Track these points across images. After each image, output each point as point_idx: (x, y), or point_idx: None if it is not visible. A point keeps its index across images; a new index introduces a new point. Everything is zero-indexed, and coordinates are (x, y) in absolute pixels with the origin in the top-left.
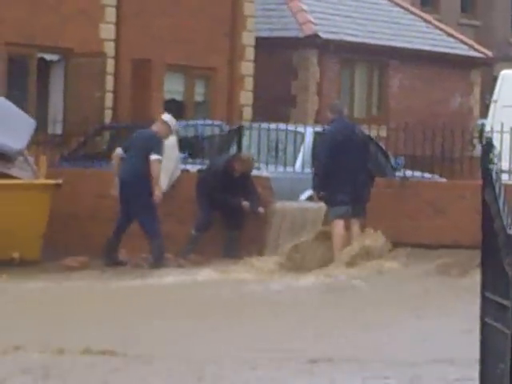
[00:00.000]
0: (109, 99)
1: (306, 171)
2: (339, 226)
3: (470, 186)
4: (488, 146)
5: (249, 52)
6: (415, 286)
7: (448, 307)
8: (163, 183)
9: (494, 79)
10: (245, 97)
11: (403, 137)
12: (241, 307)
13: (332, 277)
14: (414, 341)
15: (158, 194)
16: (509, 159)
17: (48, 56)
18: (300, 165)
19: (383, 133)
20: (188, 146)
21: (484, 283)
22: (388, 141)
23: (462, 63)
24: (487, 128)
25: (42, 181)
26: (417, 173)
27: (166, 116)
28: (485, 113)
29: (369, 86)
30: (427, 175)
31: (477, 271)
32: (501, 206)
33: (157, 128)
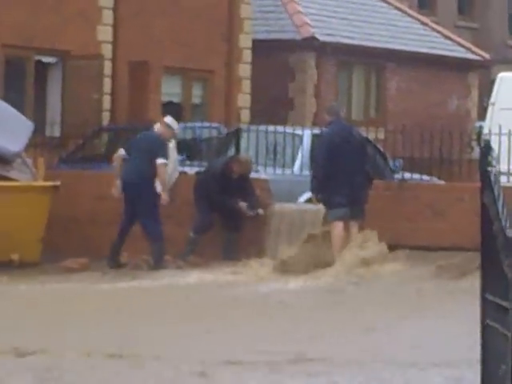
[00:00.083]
0: (106, 101)
1: (305, 173)
2: (338, 228)
3: (469, 189)
4: (486, 149)
5: (246, 54)
6: (414, 288)
7: (447, 309)
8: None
9: (492, 82)
10: (242, 99)
11: (401, 139)
12: (238, 309)
13: (330, 279)
14: (413, 342)
15: (166, 198)
16: (507, 161)
17: (45, 58)
18: (298, 167)
19: (381, 135)
20: (186, 149)
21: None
22: (386, 143)
23: (460, 66)
24: (485, 130)
25: (41, 183)
26: (415, 175)
27: (169, 119)
28: (482, 115)
29: (366, 89)
30: (425, 177)
31: (475, 273)
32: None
33: (160, 131)
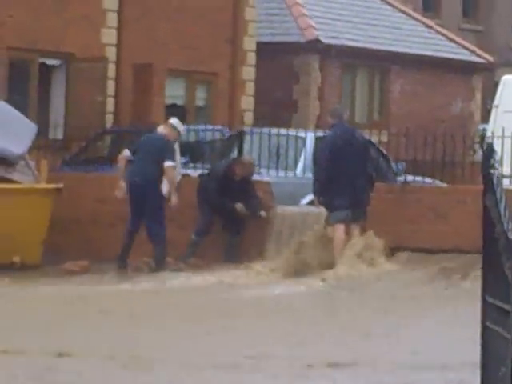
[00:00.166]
0: (110, 104)
1: (307, 176)
2: (340, 231)
3: (471, 191)
4: (489, 151)
5: (250, 57)
6: (415, 291)
7: (448, 312)
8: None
9: (496, 84)
10: (246, 102)
11: (404, 142)
12: (238, 311)
13: (332, 281)
14: (414, 345)
15: (175, 201)
16: (510, 164)
17: (49, 61)
18: (301, 170)
19: (384, 138)
20: (189, 151)
21: (485, 288)
22: (389, 146)
23: (464, 68)
24: (488, 133)
25: (43, 185)
26: (418, 178)
27: (174, 120)
28: (486, 118)
29: (370, 91)
30: (428, 180)
31: (477, 276)
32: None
33: (165, 132)
